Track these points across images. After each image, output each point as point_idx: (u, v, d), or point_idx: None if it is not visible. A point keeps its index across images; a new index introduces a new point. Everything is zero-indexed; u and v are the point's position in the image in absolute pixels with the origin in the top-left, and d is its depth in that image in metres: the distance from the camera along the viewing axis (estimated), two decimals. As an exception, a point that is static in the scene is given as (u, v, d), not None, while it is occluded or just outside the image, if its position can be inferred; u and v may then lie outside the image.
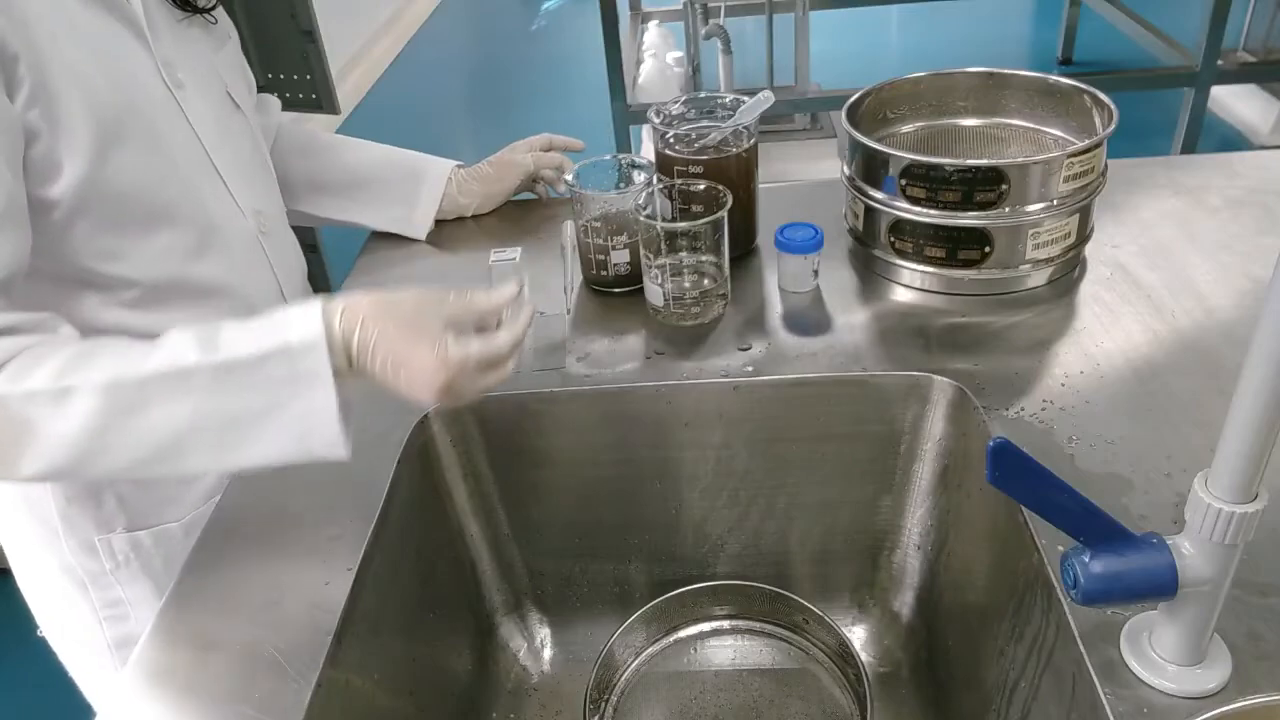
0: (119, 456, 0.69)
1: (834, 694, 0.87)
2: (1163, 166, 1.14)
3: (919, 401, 0.86)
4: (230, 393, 0.68)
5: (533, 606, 0.98)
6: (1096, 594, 0.53)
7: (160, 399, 0.68)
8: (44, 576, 0.94)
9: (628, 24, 3.49)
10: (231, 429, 0.69)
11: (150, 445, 0.69)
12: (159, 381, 0.68)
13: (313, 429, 0.69)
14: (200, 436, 0.69)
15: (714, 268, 0.95)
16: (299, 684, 0.64)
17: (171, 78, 0.84)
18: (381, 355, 0.69)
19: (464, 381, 0.69)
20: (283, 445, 0.70)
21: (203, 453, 0.70)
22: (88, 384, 0.67)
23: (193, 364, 0.68)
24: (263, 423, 0.69)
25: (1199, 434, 0.76)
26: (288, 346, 0.68)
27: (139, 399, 0.68)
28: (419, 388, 0.69)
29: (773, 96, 0.98)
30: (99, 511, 0.89)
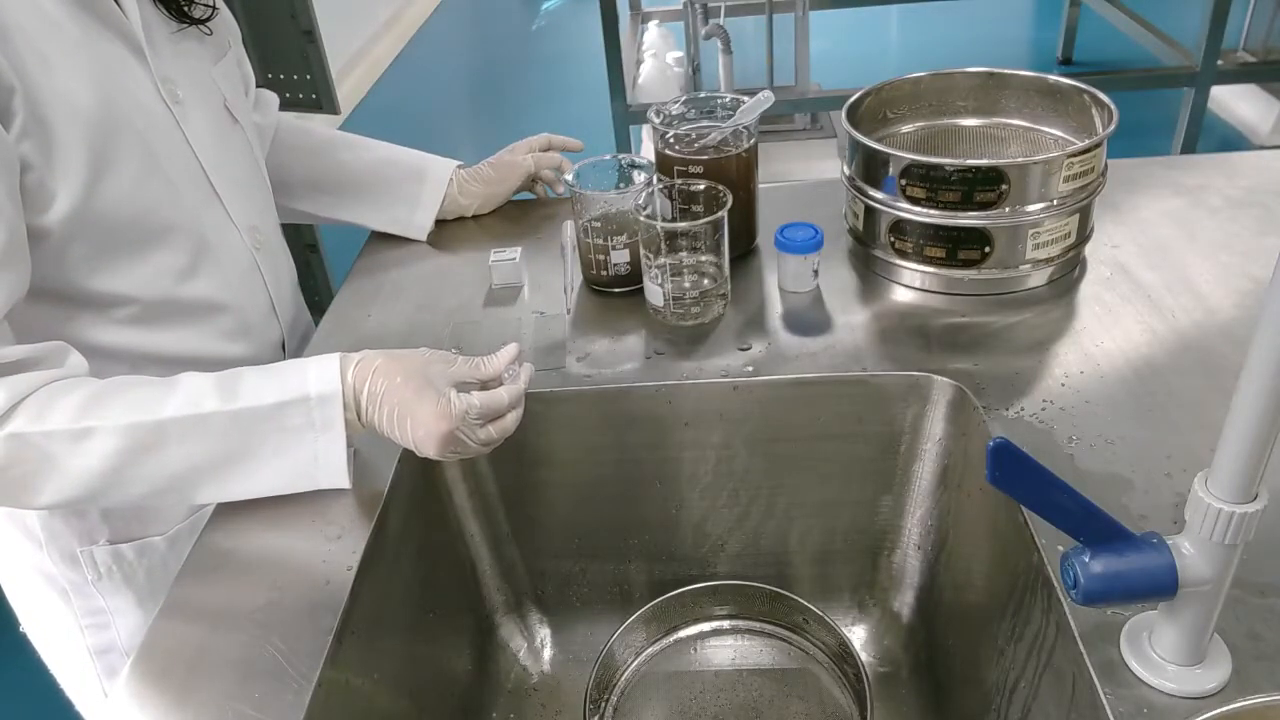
0: (133, 491, 0.72)
1: (834, 694, 0.87)
2: (1163, 166, 1.14)
3: (919, 401, 0.86)
4: (246, 436, 0.73)
5: (533, 606, 0.98)
6: (1096, 594, 0.53)
7: (178, 440, 0.71)
8: (26, 582, 0.94)
9: (628, 24, 3.49)
10: (243, 465, 0.74)
11: (164, 481, 0.72)
12: (178, 424, 0.71)
13: (320, 468, 0.75)
14: (212, 473, 0.73)
15: (714, 268, 0.95)
16: (299, 684, 0.64)
17: (170, 94, 0.83)
18: (389, 407, 0.73)
19: (466, 432, 0.73)
20: (290, 480, 0.76)
21: (212, 486, 0.74)
22: (107, 424, 0.70)
23: (211, 410, 0.72)
24: (274, 462, 0.74)
25: (1199, 434, 0.76)
26: (306, 398, 0.73)
27: (157, 440, 0.71)
28: (423, 437, 0.73)
29: (773, 96, 0.98)
30: (82, 524, 0.89)
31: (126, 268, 0.81)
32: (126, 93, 0.79)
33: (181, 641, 0.69)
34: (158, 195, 0.81)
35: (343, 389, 0.73)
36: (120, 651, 0.94)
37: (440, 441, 0.72)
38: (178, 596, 0.72)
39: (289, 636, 0.67)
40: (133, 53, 0.81)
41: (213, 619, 0.70)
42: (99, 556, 0.90)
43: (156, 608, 0.72)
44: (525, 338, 0.95)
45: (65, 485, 0.71)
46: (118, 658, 0.94)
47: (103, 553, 0.90)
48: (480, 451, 0.76)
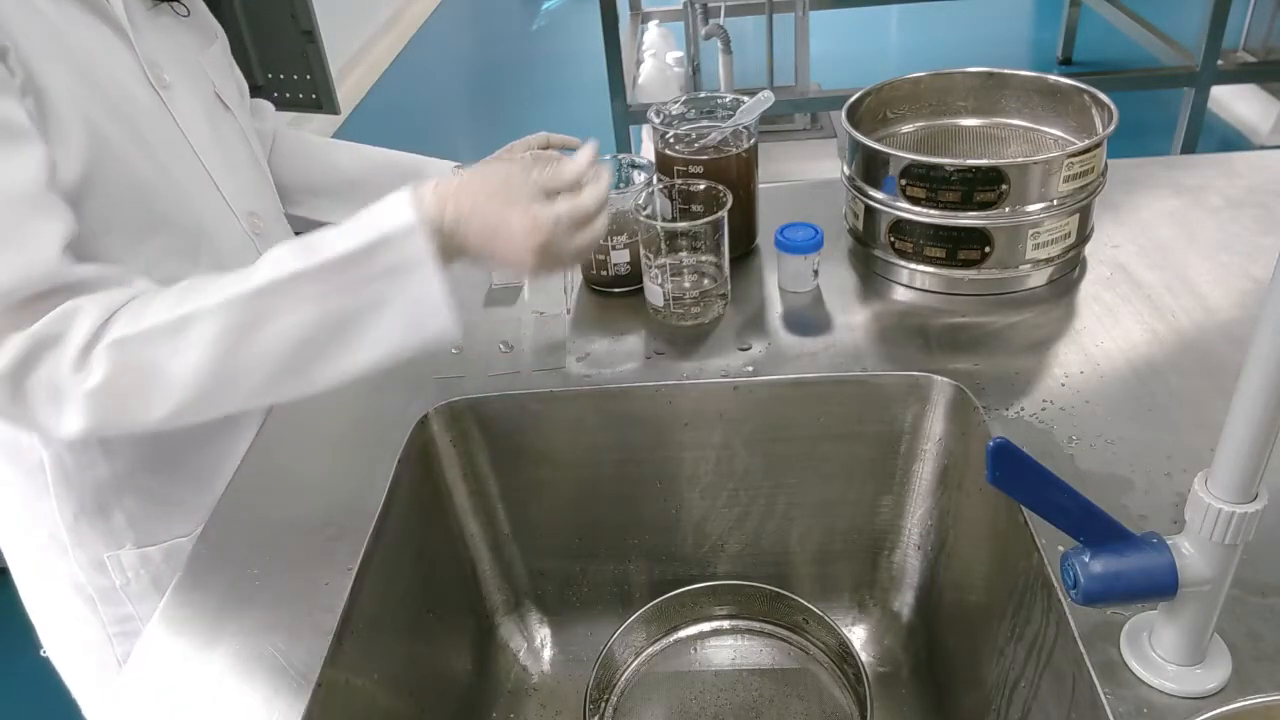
0: (247, 380, 0.70)
1: (834, 694, 0.87)
2: (1163, 166, 1.14)
3: (919, 401, 0.86)
4: (340, 292, 0.69)
5: (533, 606, 0.98)
6: (1096, 594, 0.53)
7: (275, 310, 0.69)
8: (52, 594, 0.93)
9: (628, 24, 3.49)
10: (348, 328, 0.70)
11: (274, 361, 0.69)
12: (270, 292, 0.69)
13: (424, 314, 0.70)
14: (320, 343, 0.70)
15: (714, 268, 0.95)
16: (299, 684, 0.64)
17: (157, 79, 0.83)
18: (477, 225, 0.70)
19: (558, 242, 0.71)
20: (399, 336, 0.71)
21: (326, 360, 0.70)
22: (203, 309, 0.68)
23: (298, 269, 0.69)
24: (377, 316, 0.70)
25: (1199, 434, 0.76)
26: (386, 237, 0.69)
27: (254, 315, 0.68)
28: (515, 251, 0.70)
29: (773, 96, 0.98)
30: (107, 527, 0.89)
31: (124, 251, 0.80)
32: (113, 78, 0.78)
33: (182, 642, 0.69)
34: (151, 178, 0.80)
35: (421, 218, 0.69)
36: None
37: (535, 255, 0.70)
38: (178, 596, 0.72)
39: (289, 636, 0.67)
40: (117, 35, 0.81)
41: (213, 619, 0.70)
42: (126, 560, 0.90)
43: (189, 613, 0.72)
44: (525, 338, 0.95)
45: (175, 388, 0.68)
46: None
47: (130, 556, 0.90)
48: (573, 261, 0.75)
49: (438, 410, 0.88)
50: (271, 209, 0.98)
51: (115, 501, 0.88)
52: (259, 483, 0.82)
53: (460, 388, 0.89)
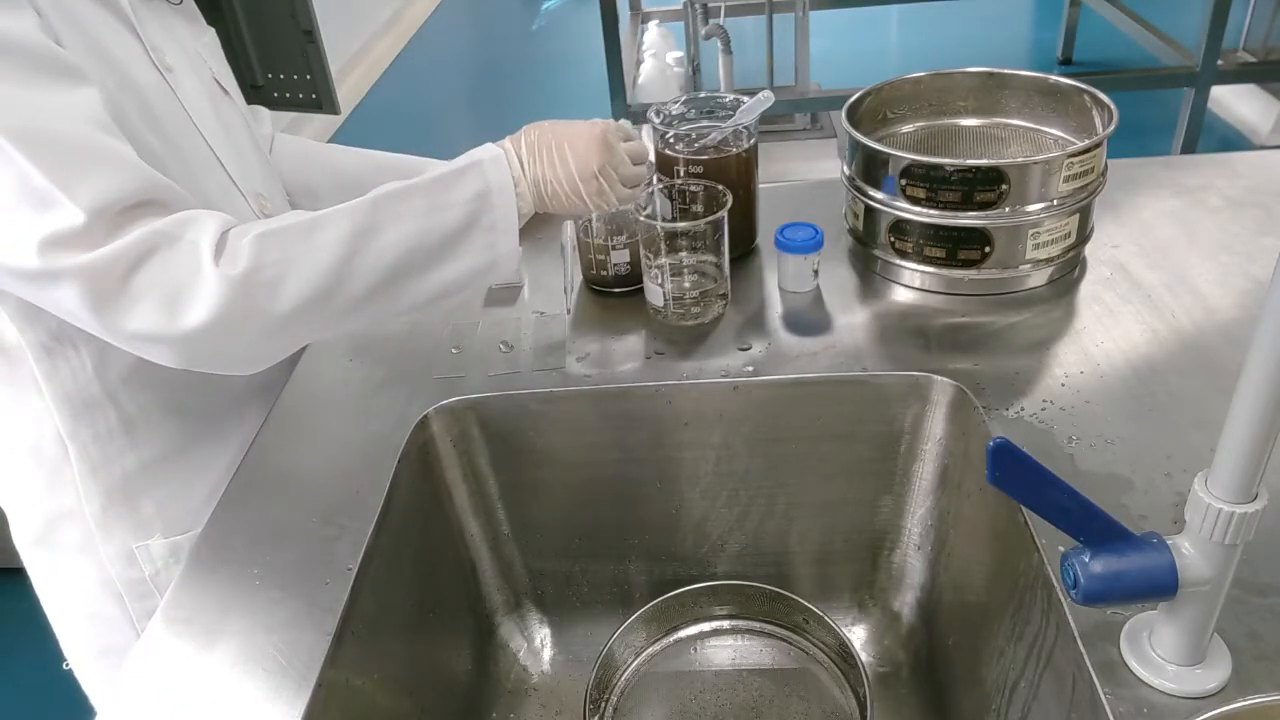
0: (360, 282, 0.76)
1: (834, 694, 0.87)
2: (1163, 166, 1.14)
3: (919, 401, 0.86)
4: (439, 209, 0.78)
5: (533, 606, 0.98)
6: (1096, 594, 0.53)
7: (389, 220, 0.76)
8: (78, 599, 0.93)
9: (628, 24, 3.49)
10: (440, 245, 0.78)
11: (382, 267, 0.76)
12: (386, 203, 0.77)
13: (497, 238, 0.80)
14: (418, 254, 0.77)
15: (714, 268, 0.95)
16: (299, 684, 0.64)
17: (161, 61, 0.84)
18: (548, 144, 0.83)
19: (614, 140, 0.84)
20: (473, 257, 0.80)
21: (415, 274, 0.78)
22: (333, 212, 0.76)
23: (409, 185, 0.78)
24: (462, 236, 0.79)
25: (1199, 434, 0.76)
26: (478, 162, 0.81)
27: (374, 219, 0.76)
28: (582, 148, 0.82)
29: (773, 96, 0.98)
30: (136, 518, 0.89)
31: None
32: (121, 59, 0.80)
33: (182, 642, 0.69)
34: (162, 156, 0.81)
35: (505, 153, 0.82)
36: None
37: (599, 144, 0.83)
38: (178, 596, 0.72)
39: (289, 636, 0.67)
40: (120, 21, 0.82)
41: (212, 619, 0.70)
42: (155, 551, 0.91)
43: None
44: (525, 338, 0.95)
45: (305, 279, 0.73)
46: None
47: (158, 547, 0.91)
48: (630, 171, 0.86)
49: (438, 410, 0.88)
50: (277, 193, 0.99)
51: (144, 491, 0.89)
52: (259, 483, 0.82)
53: (460, 388, 0.89)
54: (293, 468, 0.84)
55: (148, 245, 0.69)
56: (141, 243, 0.68)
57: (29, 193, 0.67)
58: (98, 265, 0.67)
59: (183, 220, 0.71)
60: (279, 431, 0.88)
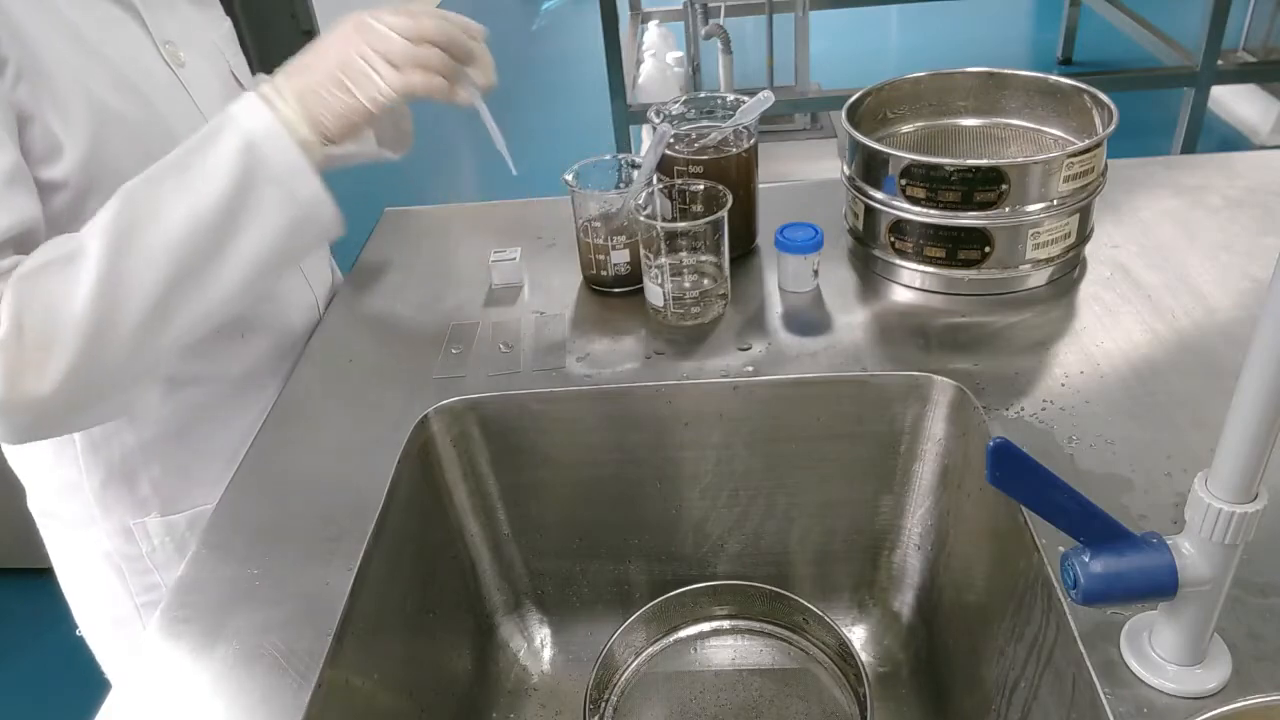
0: (140, 293, 0.68)
1: (834, 694, 0.87)
2: (1163, 166, 1.14)
3: (919, 401, 0.86)
4: (201, 180, 0.70)
5: (533, 606, 0.98)
6: (1096, 594, 0.53)
7: (147, 212, 0.69)
8: (84, 569, 0.96)
9: (628, 24, 3.49)
10: (220, 214, 0.70)
11: (162, 270, 0.69)
12: (137, 195, 0.69)
13: (290, 185, 0.71)
14: (198, 235, 0.69)
15: (714, 268, 0.95)
16: (299, 684, 0.64)
17: (172, 56, 0.84)
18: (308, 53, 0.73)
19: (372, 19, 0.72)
20: (273, 214, 0.71)
21: (210, 260, 0.70)
22: (90, 227, 0.69)
23: (158, 165, 0.70)
24: (244, 197, 0.70)
25: (1199, 434, 0.76)
26: (230, 115, 0.71)
27: (128, 221, 0.68)
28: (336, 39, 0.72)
29: (773, 96, 0.98)
30: (133, 496, 0.91)
31: None
32: (124, 55, 0.79)
33: (181, 642, 0.69)
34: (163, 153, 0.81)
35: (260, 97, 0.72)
36: None
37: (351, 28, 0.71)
38: (178, 596, 0.72)
39: (289, 636, 0.67)
40: (128, 14, 0.82)
41: (212, 619, 0.70)
42: (152, 528, 0.92)
43: None
44: (525, 338, 0.95)
45: (76, 318, 0.66)
46: None
47: (155, 524, 0.92)
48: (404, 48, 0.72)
49: (438, 410, 0.88)
50: None
51: (141, 470, 0.90)
52: (259, 483, 0.82)
53: (460, 388, 0.89)
54: (293, 468, 0.84)
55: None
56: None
57: None
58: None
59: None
60: (279, 431, 0.88)
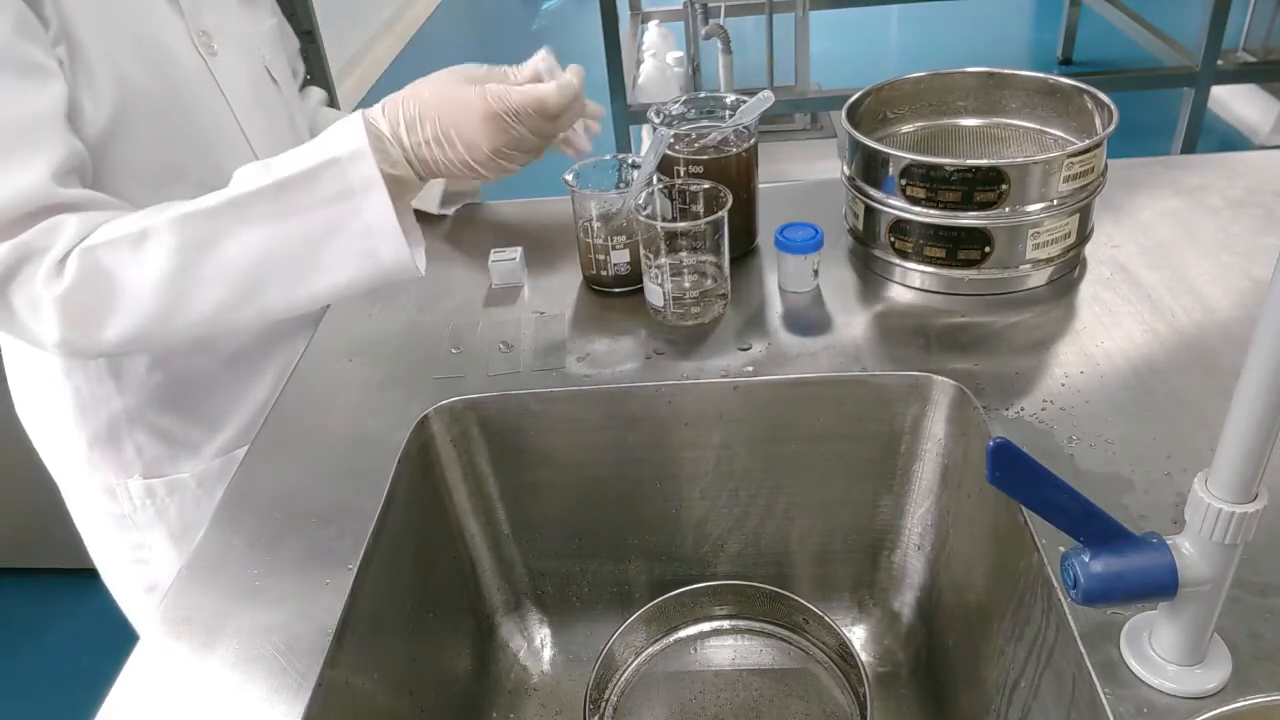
0: (202, 299, 0.70)
1: (834, 694, 0.87)
2: (1163, 166, 1.14)
3: (919, 401, 0.86)
4: (292, 213, 0.69)
5: (533, 606, 0.98)
6: (1096, 594, 0.53)
7: (230, 229, 0.69)
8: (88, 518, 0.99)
9: (628, 24, 3.49)
10: (300, 253, 0.70)
11: (228, 282, 0.70)
12: (226, 209, 0.69)
13: (376, 243, 0.70)
14: (273, 266, 0.70)
15: (714, 268, 0.95)
16: (299, 684, 0.64)
17: (205, 46, 0.85)
18: (430, 119, 0.71)
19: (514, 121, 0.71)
20: (352, 264, 0.71)
21: (277, 285, 0.70)
22: (162, 222, 0.69)
23: (252, 190, 0.69)
24: (328, 242, 0.70)
25: (1199, 434, 0.76)
26: (335, 159, 0.69)
27: (210, 231, 0.69)
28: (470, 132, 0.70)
29: (773, 96, 0.98)
30: (119, 457, 0.93)
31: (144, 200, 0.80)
32: (156, 40, 0.81)
33: (181, 642, 0.69)
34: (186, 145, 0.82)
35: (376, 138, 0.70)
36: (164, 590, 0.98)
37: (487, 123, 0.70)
38: (177, 596, 0.72)
39: (289, 636, 0.67)
40: (168, 4, 0.83)
41: (212, 619, 0.70)
42: (133, 490, 0.95)
43: (190, 546, 0.74)
44: (525, 338, 0.95)
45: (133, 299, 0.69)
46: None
47: (136, 486, 0.94)
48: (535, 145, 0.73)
49: (438, 410, 0.88)
50: None
51: (126, 434, 0.93)
52: (259, 482, 0.82)
53: (460, 388, 0.89)
54: (293, 468, 0.84)
55: (11, 261, 0.69)
56: (6, 259, 0.69)
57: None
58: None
59: (48, 228, 0.70)
60: (279, 431, 0.88)
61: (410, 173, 0.72)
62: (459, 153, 0.71)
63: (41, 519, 1.05)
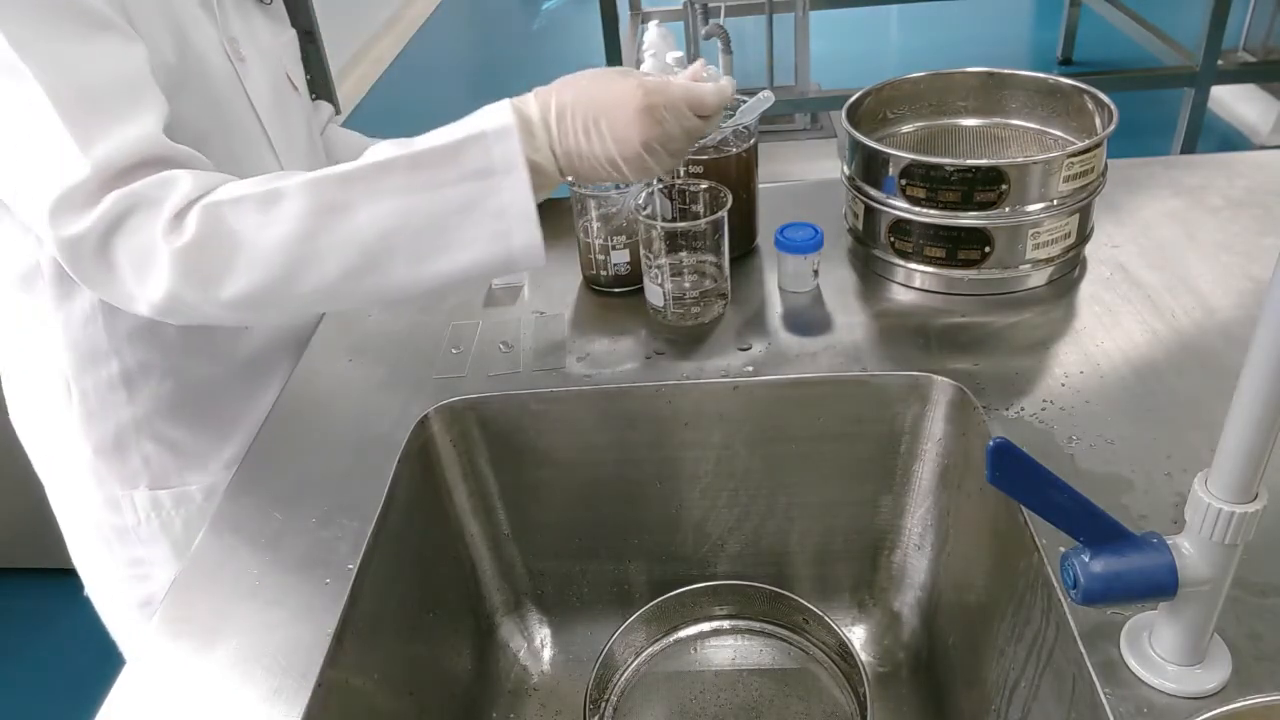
0: (326, 267, 0.68)
1: (834, 694, 0.87)
2: (1163, 166, 1.14)
3: (919, 401, 0.86)
4: (428, 187, 0.68)
5: (533, 606, 0.98)
6: (1096, 594, 0.53)
7: (363, 197, 0.68)
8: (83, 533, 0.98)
9: (628, 24, 3.49)
10: (431, 228, 0.68)
11: (355, 250, 0.68)
12: (361, 177, 0.68)
13: (510, 225, 0.69)
14: (402, 238, 0.68)
15: (714, 268, 0.95)
16: (299, 684, 0.64)
17: (234, 52, 0.86)
18: (581, 109, 0.69)
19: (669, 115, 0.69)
20: (481, 245, 0.69)
21: (404, 259, 0.69)
22: (294, 184, 0.68)
23: (389, 158, 0.68)
24: (461, 220, 0.68)
25: (1199, 434, 0.76)
26: (482, 134, 0.68)
27: (343, 198, 0.67)
28: (622, 124, 0.68)
29: (773, 96, 0.98)
30: (124, 468, 0.92)
31: None
32: (193, 42, 0.81)
33: (181, 642, 0.69)
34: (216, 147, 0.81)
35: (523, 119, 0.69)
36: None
37: (644, 117, 0.68)
38: (177, 596, 0.72)
39: (289, 636, 0.67)
40: (203, 9, 0.84)
41: (212, 619, 0.70)
42: (139, 501, 0.93)
43: None
44: (525, 338, 0.95)
45: (257, 260, 0.67)
46: None
47: (142, 498, 0.93)
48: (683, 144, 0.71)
49: (438, 410, 0.88)
50: None
51: (133, 443, 0.92)
52: (259, 482, 0.82)
53: (460, 388, 0.89)
54: (293, 468, 0.84)
55: (121, 209, 0.67)
56: (115, 207, 0.67)
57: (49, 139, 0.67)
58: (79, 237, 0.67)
59: (162, 180, 0.68)
60: (279, 431, 0.88)
61: (552, 163, 0.71)
62: (606, 145, 0.70)
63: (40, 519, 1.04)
